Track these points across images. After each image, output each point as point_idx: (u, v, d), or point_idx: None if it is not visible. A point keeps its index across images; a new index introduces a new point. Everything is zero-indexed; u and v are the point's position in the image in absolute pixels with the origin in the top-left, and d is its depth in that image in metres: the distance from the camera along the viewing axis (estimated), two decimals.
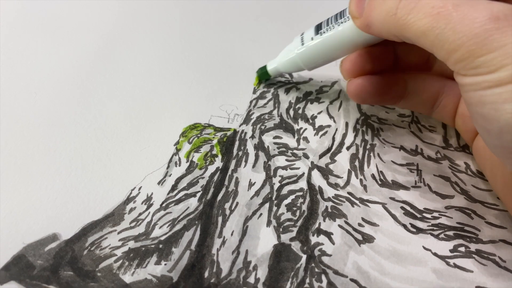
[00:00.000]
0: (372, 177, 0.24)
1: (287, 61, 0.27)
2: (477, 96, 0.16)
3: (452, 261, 0.21)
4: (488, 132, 0.16)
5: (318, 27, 0.25)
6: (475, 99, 0.16)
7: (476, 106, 0.16)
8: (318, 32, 0.24)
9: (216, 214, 0.22)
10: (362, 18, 0.20)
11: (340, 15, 0.23)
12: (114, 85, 0.29)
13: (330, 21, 0.24)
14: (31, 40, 0.33)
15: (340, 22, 0.23)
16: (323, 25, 0.24)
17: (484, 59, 0.15)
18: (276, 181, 0.24)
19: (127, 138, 0.26)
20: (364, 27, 0.20)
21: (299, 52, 0.26)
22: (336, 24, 0.23)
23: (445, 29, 0.16)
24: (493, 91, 0.15)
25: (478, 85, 0.15)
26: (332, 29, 0.23)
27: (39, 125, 0.26)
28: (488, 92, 0.15)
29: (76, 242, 0.21)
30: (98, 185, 0.23)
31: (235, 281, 0.20)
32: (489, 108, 0.15)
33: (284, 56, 0.27)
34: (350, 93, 0.24)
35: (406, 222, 0.22)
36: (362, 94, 0.24)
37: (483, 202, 0.23)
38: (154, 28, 0.35)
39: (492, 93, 0.15)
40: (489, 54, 0.15)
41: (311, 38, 0.25)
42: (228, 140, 0.26)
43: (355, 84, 0.24)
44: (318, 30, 0.24)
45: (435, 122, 0.28)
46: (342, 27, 0.23)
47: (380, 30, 0.19)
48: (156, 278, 0.20)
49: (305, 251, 0.21)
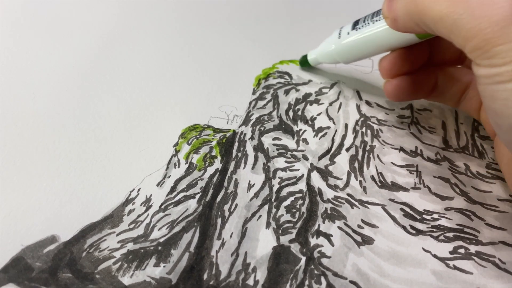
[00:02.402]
0: (372, 179, 0.24)
1: (325, 53, 0.28)
2: (489, 91, 0.15)
3: (451, 262, 0.21)
4: (499, 127, 0.16)
5: (355, 23, 0.25)
6: (487, 93, 0.16)
7: (488, 101, 0.16)
8: (355, 27, 0.25)
9: (215, 216, 0.22)
10: (390, 14, 0.20)
11: (376, 14, 0.24)
12: (113, 86, 0.29)
13: (367, 18, 0.25)
14: (31, 40, 0.33)
15: (375, 20, 0.24)
16: (360, 22, 0.25)
17: (500, 49, 0.14)
18: (276, 182, 0.24)
19: (126, 139, 0.26)
20: (393, 23, 0.21)
21: (335, 47, 0.27)
22: (372, 22, 0.24)
23: (463, 14, 0.15)
24: (505, 86, 0.15)
25: (491, 79, 0.15)
26: (367, 25, 0.24)
27: (38, 126, 0.26)
28: (500, 87, 0.15)
29: (74, 244, 0.21)
30: (97, 186, 0.23)
31: (234, 283, 0.20)
32: (500, 104, 0.15)
33: (323, 48, 0.28)
34: (388, 93, 0.25)
35: (405, 224, 0.22)
36: (399, 94, 0.24)
37: (483, 203, 0.23)
38: (154, 28, 0.35)
39: (505, 88, 0.15)
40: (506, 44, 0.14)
41: (347, 33, 0.26)
42: (227, 142, 0.26)
43: (393, 85, 0.24)
44: (355, 26, 0.25)
45: (435, 124, 0.28)
46: (377, 26, 0.24)
47: (404, 21, 0.19)
48: (155, 280, 0.20)
49: (304, 253, 0.21)
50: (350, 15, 0.37)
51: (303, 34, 0.35)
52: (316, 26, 0.36)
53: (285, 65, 0.32)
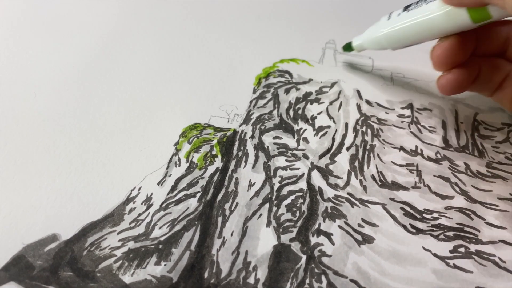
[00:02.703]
0: (372, 178, 0.24)
1: (373, 39, 0.27)
2: None
3: (452, 261, 0.21)
4: None
5: (407, 6, 0.25)
6: None
7: None
8: (406, 9, 0.25)
9: (216, 214, 0.22)
10: None
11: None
12: (114, 85, 0.29)
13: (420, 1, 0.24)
14: (31, 40, 0.33)
15: (429, 1, 0.23)
16: (412, 4, 0.24)
17: None
18: (276, 181, 0.24)
19: (126, 138, 0.26)
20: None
21: (385, 31, 0.26)
22: (425, 3, 0.23)
23: None
24: None
25: None
26: (420, 7, 0.24)
27: (38, 125, 0.26)
28: None
29: (75, 242, 0.21)
30: (98, 185, 0.23)
31: (235, 282, 0.20)
32: None
33: (370, 34, 0.28)
34: (444, 88, 0.25)
35: (406, 223, 0.22)
36: (454, 88, 0.24)
37: (482, 202, 0.23)
38: (154, 28, 0.35)
39: None
40: None
41: (398, 14, 0.25)
42: (228, 140, 0.26)
43: (449, 80, 0.24)
44: (406, 8, 0.25)
45: (435, 123, 0.28)
46: (429, 7, 0.23)
47: None
48: (156, 278, 0.20)
49: (305, 252, 0.21)
50: (350, 15, 0.37)
51: (304, 33, 0.35)
52: (316, 25, 0.36)
53: (286, 64, 0.32)
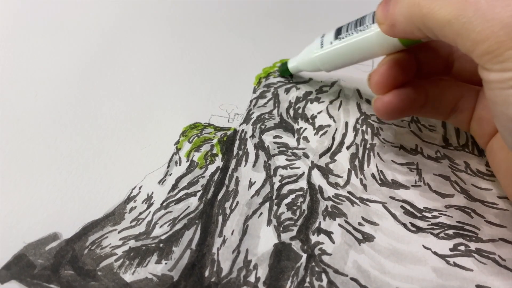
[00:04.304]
0: (372, 177, 0.24)
1: (307, 61, 0.28)
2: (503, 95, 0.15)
3: (452, 260, 0.21)
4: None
5: (338, 31, 0.25)
6: (500, 98, 0.15)
7: (501, 106, 0.15)
8: (337, 37, 0.25)
9: (216, 213, 0.22)
10: (387, 20, 0.19)
11: (359, 22, 0.23)
12: (115, 84, 0.29)
13: (350, 27, 0.24)
14: (32, 39, 0.33)
15: (359, 29, 0.23)
16: (343, 31, 0.24)
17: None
18: (276, 180, 0.24)
19: (127, 137, 0.26)
20: (389, 29, 0.20)
21: (317, 54, 0.26)
22: (355, 31, 0.23)
23: (472, 17, 0.14)
24: None
25: (505, 83, 0.14)
26: (351, 35, 0.24)
27: (39, 124, 0.26)
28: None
29: (76, 241, 0.21)
30: (99, 184, 0.23)
31: (235, 280, 0.20)
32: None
33: (305, 56, 0.28)
34: (379, 111, 0.23)
35: (406, 221, 0.22)
36: (391, 112, 0.22)
37: (482, 201, 0.23)
38: (155, 27, 0.35)
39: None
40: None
41: (330, 42, 0.25)
42: (228, 140, 0.26)
43: (384, 103, 0.22)
44: (337, 35, 0.25)
45: (435, 122, 0.28)
46: (361, 35, 0.23)
47: (404, 26, 0.18)
48: (157, 277, 0.20)
49: (305, 250, 0.21)
50: (350, 15, 0.37)
51: (304, 33, 0.35)
52: (317, 25, 0.36)
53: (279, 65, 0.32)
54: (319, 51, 0.26)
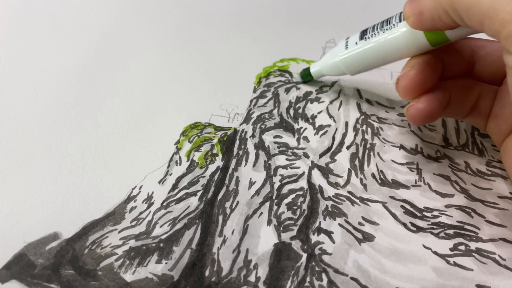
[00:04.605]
0: (372, 176, 0.24)
1: (330, 65, 0.27)
2: None
3: (452, 259, 0.21)
4: None
5: (363, 32, 0.24)
6: None
7: None
8: (363, 37, 0.24)
9: (216, 213, 0.22)
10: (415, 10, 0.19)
11: (386, 22, 0.23)
12: (115, 84, 0.29)
13: (376, 27, 0.24)
14: (32, 39, 0.33)
15: (386, 29, 0.23)
16: (369, 31, 0.24)
17: None
18: (277, 180, 0.24)
19: (127, 137, 0.26)
20: (417, 19, 0.19)
21: (342, 57, 0.26)
22: (382, 31, 0.23)
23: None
24: None
25: None
26: (377, 35, 0.23)
27: (40, 124, 0.26)
28: None
29: (77, 241, 0.21)
30: (99, 184, 0.23)
31: (235, 280, 0.20)
32: None
33: (328, 60, 0.27)
34: (414, 119, 0.23)
35: (406, 221, 0.22)
36: (426, 118, 0.22)
37: (483, 200, 0.23)
38: (155, 27, 0.35)
39: None
40: None
41: (355, 43, 0.25)
42: (229, 139, 0.26)
43: (417, 109, 0.22)
44: (363, 35, 0.24)
45: (435, 121, 0.28)
46: (388, 34, 0.23)
47: (432, 11, 0.18)
48: (157, 276, 0.20)
49: (305, 250, 0.21)
50: (350, 15, 0.37)
51: (304, 32, 0.35)
52: (317, 24, 0.36)
53: (285, 63, 0.32)
54: (344, 54, 0.25)
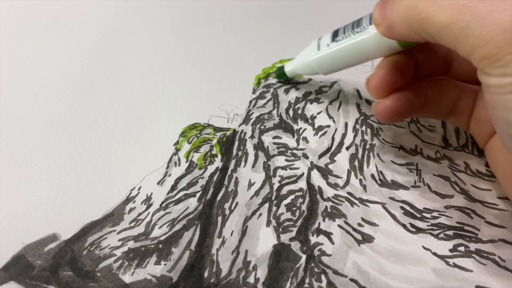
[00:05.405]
0: (372, 177, 0.24)
1: (304, 64, 0.27)
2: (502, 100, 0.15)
3: (451, 260, 0.21)
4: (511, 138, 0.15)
5: (335, 34, 0.25)
6: (499, 103, 0.15)
7: (500, 111, 0.15)
8: (334, 39, 0.24)
9: (215, 214, 0.22)
10: (384, 22, 0.19)
11: (357, 24, 0.23)
12: (114, 85, 0.29)
13: (347, 29, 0.24)
14: (31, 39, 0.33)
15: (356, 31, 0.23)
16: (340, 33, 0.24)
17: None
18: (276, 181, 0.24)
19: (126, 138, 0.26)
20: (387, 31, 0.19)
21: (314, 57, 0.26)
22: (353, 33, 0.23)
23: (471, 21, 0.14)
24: None
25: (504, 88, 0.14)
26: (348, 37, 0.23)
27: (38, 124, 0.26)
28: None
29: (75, 242, 0.21)
30: (98, 185, 0.23)
31: (234, 281, 0.20)
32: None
33: (301, 59, 0.27)
34: (380, 115, 0.23)
35: (405, 222, 0.22)
36: (393, 116, 0.22)
37: (482, 201, 0.23)
38: (154, 28, 0.35)
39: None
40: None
41: (327, 44, 0.25)
42: (228, 140, 0.26)
43: (385, 106, 0.22)
44: (334, 37, 0.24)
45: (434, 122, 0.28)
46: (358, 36, 0.23)
47: (402, 29, 0.18)
48: (156, 278, 0.20)
49: (304, 251, 0.21)
50: (350, 15, 0.37)
51: (303, 33, 0.35)
52: (316, 25, 0.36)
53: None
54: (316, 54, 0.26)
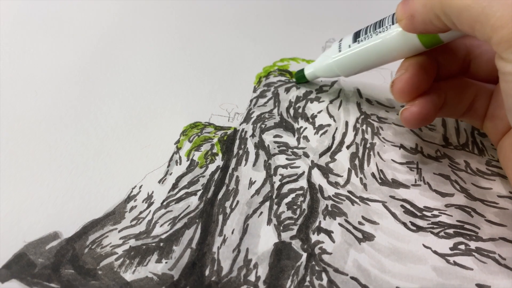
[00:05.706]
0: (372, 176, 0.24)
1: (324, 66, 0.27)
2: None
3: (452, 259, 0.21)
4: None
5: (356, 35, 0.24)
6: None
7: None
8: (356, 40, 0.24)
9: (216, 212, 0.22)
10: (406, 12, 0.19)
11: (379, 24, 0.23)
12: (115, 83, 0.29)
13: (369, 29, 0.24)
14: (32, 39, 0.33)
15: (378, 31, 0.23)
16: (361, 34, 0.24)
17: None
18: (277, 179, 0.24)
19: (127, 136, 0.26)
20: (409, 21, 0.19)
21: (335, 59, 0.26)
22: (375, 34, 0.23)
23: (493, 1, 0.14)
24: None
25: None
26: (370, 37, 0.23)
27: (40, 123, 0.26)
28: None
29: (77, 240, 0.21)
30: (99, 183, 0.23)
31: (235, 279, 0.20)
32: None
33: (321, 61, 0.27)
34: (409, 122, 0.22)
35: (406, 220, 0.22)
36: (420, 122, 0.22)
37: (483, 200, 0.23)
38: (155, 27, 0.35)
39: None
40: None
41: (349, 45, 0.25)
42: (229, 139, 0.26)
43: (412, 113, 0.22)
44: (356, 38, 0.24)
45: (435, 121, 0.28)
46: (381, 36, 0.23)
47: (423, 15, 0.18)
48: (157, 276, 0.20)
49: (305, 249, 0.21)
50: (350, 15, 0.37)
51: (304, 32, 0.35)
52: (317, 24, 0.36)
53: (286, 62, 0.32)
54: (337, 56, 0.25)
